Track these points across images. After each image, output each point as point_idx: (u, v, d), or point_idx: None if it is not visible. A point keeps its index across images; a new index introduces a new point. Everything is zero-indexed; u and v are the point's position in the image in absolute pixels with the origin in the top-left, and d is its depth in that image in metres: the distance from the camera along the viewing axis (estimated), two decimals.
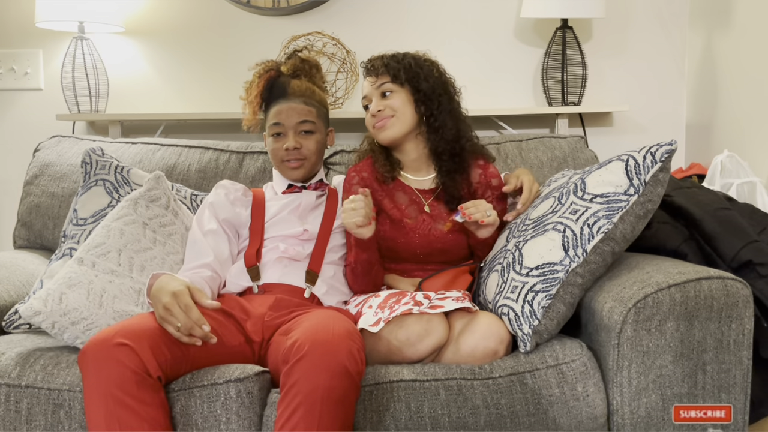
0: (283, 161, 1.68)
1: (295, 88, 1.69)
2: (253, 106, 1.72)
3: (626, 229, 1.39)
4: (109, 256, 1.46)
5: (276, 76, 1.73)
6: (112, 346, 1.18)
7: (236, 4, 2.41)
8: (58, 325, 1.34)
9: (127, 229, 1.52)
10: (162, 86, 2.48)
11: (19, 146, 2.44)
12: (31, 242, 2.01)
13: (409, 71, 1.64)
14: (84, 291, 1.38)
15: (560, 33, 2.32)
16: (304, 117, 1.66)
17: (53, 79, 2.45)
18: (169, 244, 1.58)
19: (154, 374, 1.21)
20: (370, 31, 2.43)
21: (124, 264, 1.46)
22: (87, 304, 1.36)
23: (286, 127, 1.65)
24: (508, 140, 2.07)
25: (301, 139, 1.66)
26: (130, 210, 1.56)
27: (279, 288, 1.57)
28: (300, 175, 1.69)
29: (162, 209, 1.61)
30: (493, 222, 1.52)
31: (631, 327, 1.30)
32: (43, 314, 1.33)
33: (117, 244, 1.48)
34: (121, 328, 1.24)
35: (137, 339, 1.21)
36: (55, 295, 1.35)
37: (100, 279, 1.41)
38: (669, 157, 1.38)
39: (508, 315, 1.41)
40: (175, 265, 1.56)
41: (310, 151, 1.67)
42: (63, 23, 2.30)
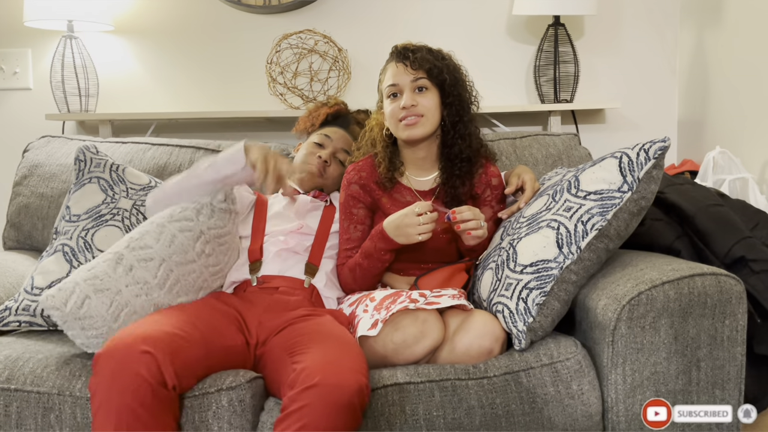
0: (308, 162, 1.78)
1: (355, 129, 1.88)
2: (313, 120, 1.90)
3: (620, 226, 1.39)
4: (150, 264, 1.41)
5: (346, 113, 1.94)
6: (135, 355, 1.17)
7: (227, 3, 2.40)
8: (68, 325, 1.32)
9: (180, 236, 1.46)
10: (152, 85, 2.46)
11: (8, 146, 2.42)
12: (20, 243, 1.99)
13: (444, 72, 1.60)
14: (108, 300, 1.34)
15: (552, 30, 2.32)
16: (348, 147, 1.83)
17: (42, 78, 2.43)
18: (214, 255, 1.53)
19: (170, 383, 1.19)
20: (362, 28, 2.42)
21: (161, 276, 1.42)
22: (105, 315, 1.33)
23: (331, 142, 1.81)
24: (502, 138, 2.07)
25: (334, 161, 1.81)
26: (192, 214, 1.50)
27: (278, 280, 1.58)
28: (307, 185, 1.78)
29: (225, 217, 1.56)
30: (482, 235, 1.50)
31: (626, 324, 1.30)
32: (61, 312, 1.30)
33: (163, 253, 1.43)
34: (143, 332, 1.23)
35: (160, 344, 1.20)
36: (80, 296, 1.32)
37: (129, 290, 1.37)
38: (662, 154, 1.38)
39: (503, 312, 1.41)
40: (210, 277, 1.53)
41: (333, 175, 1.80)
42: (52, 22, 2.28)
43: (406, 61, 1.60)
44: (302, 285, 1.59)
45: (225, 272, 1.59)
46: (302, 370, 1.20)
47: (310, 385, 1.16)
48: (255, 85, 2.42)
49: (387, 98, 1.63)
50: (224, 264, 1.57)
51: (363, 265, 1.57)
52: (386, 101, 1.63)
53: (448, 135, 1.64)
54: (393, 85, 1.61)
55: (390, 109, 1.61)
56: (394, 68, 1.62)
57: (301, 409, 1.15)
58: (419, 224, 1.46)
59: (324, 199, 1.78)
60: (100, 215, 1.68)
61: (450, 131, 1.63)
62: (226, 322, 1.42)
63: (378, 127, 1.71)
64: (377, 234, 1.54)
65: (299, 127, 1.92)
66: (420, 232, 1.47)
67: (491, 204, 1.67)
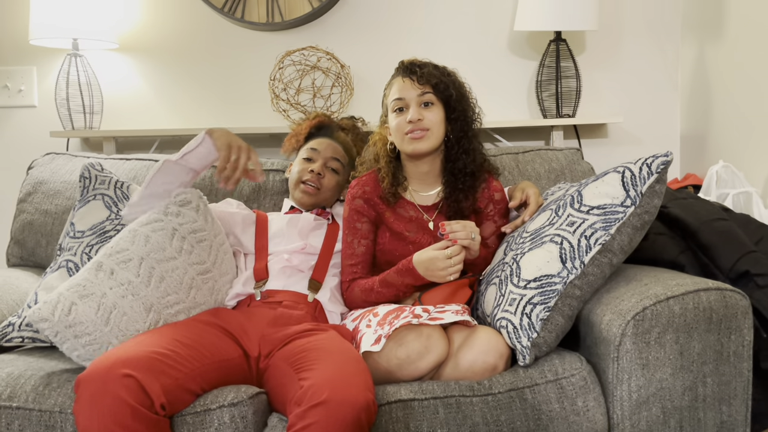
0: (301, 182, 1.78)
1: (341, 135, 1.88)
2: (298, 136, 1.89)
3: (624, 240, 1.39)
4: (129, 264, 1.43)
5: (329, 123, 1.93)
6: (114, 379, 1.16)
7: (230, 20, 2.42)
8: (60, 335, 1.32)
9: (153, 236, 1.49)
10: (156, 102, 2.48)
11: (13, 164, 2.44)
12: (24, 260, 1.99)
13: (450, 88, 1.62)
14: (95, 304, 1.35)
15: (554, 45, 2.33)
16: (338, 156, 1.82)
17: (47, 96, 2.44)
18: (195, 252, 1.54)
19: (158, 403, 1.18)
20: (365, 45, 2.44)
21: (143, 275, 1.43)
22: (94, 319, 1.34)
23: (319, 154, 1.80)
24: (505, 153, 2.07)
25: (327, 171, 1.80)
26: (160, 215, 1.53)
27: (282, 294, 1.58)
28: (307, 201, 1.78)
29: (193, 213, 1.58)
30: (472, 246, 1.50)
31: (630, 340, 1.29)
32: (50, 322, 1.31)
33: (140, 252, 1.46)
34: (124, 354, 1.22)
35: (141, 365, 1.19)
36: (66, 303, 1.33)
37: (114, 292, 1.39)
38: (665, 168, 1.38)
39: (507, 328, 1.40)
40: (197, 276, 1.53)
41: (330, 185, 1.80)
42: (57, 40, 2.30)
43: (413, 76, 1.61)
44: (306, 299, 1.59)
45: (217, 275, 1.58)
46: (309, 387, 1.19)
47: (317, 402, 1.15)
48: (258, 102, 2.43)
49: (392, 112, 1.64)
50: (211, 264, 1.57)
51: (381, 293, 1.57)
52: (391, 115, 1.64)
53: (452, 150, 1.65)
54: (399, 99, 1.62)
55: (396, 123, 1.62)
56: (400, 83, 1.63)
57: (308, 426, 1.14)
58: (451, 265, 1.47)
59: (327, 217, 1.78)
60: (104, 231, 1.69)
61: (454, 146, 1.64)
62: (220, 335, 1.41)
63: (381, 141, 1.72)
64: (406, 270, 1.53)
65: (286, 147, 1.92)
66: (451, 273, 1.48)
67: (494, 219, 1.67)
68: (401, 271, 1.54)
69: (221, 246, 1.61)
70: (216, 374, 1.33)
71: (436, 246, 1.50)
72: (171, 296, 1.45)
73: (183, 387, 1.25)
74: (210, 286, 1.55)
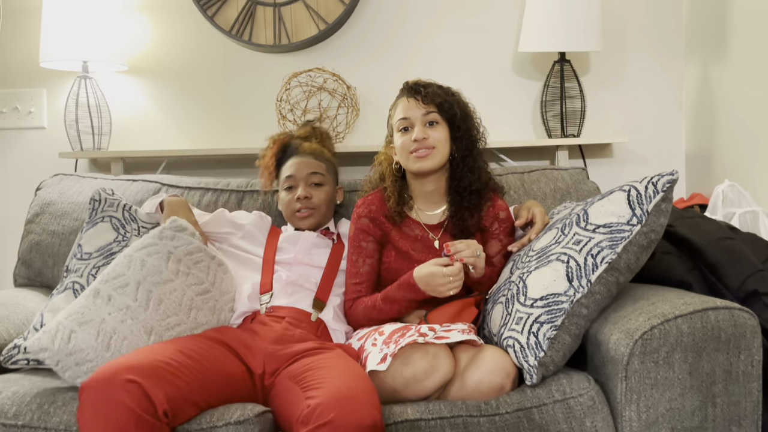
0: (294, 212, 1.77)
1: (306, 147, 1.84)
2: (268, 168, 1.86)
3: (630, 259, 1.38)
4: (126, 289, 1.44)
5: (288, 141, 1.88)
6: (118, 384, 1.16)
7: (238, 42, 2.45)
8: (62, 364, 1.32)
9: (149, 260, 1.50)
10: (164, 123, 2.50)
11: (21, 184, 2.45)
12: (31, 280, 2.00)
13: (454, 108, 1.64)
14: (94, 331, 1.36)
15: (558, 66, 2.34)
16: (314, 169, 1.78)
17: (57, 117, 2.47)
18: (192, 273, 1.55)
19: (161, 409, 1.18)
20: (370, 66, 2.46)
21: (141, 299, 1.44)
22: (95, 345, 1.34)
23: (297, 179, 1.78)
24: (510, 172, 2.08)
25: (312, 189, 1.77)
26: (155, 239, 1.55)
27: (286, 310, 1.58)
28: (310, 224, 1.77)
29: (188, 236, 1.60)
30: (477, 264, 1.50)
31: (639, 359, 1.28)
32: (50, 351, 1.31)
33: (137, 276, 1.47)
34: (128, 361, 1.23)
35: (145, 372, 1.20)
36: (65, 332, 1.33)
37: (113, 317, 1.39)
38: (671, 186, 1.38)
39: (513, 347, 1.39)
40: (197, 296, 1.53)
41: (320, 200, 1.77)
42: (67, 63, 2.33)
43: (418, 96, 1.63)
44: (309, 318, 1.59)
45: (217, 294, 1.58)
46: (317, 406, 1.18)
47: (324, 422, 1.15)
48: (265, 122, 2.45)
49: (398, 132, 1.66)
50: (210, 284, 1.57)
51: (384, 310, 1.57)
52: (397, 135, 1.66)
53: (457, 168, 1.66)
54: (404, 118, 1.64)
55: (401, 142, 1.64)
56: (405, 103, 1.65)
57: None
58: (449, 281, 1.47)
59: (331, 237, 1.78)
60: (111, 253, 1.70)
61: (459, 165, 1.65)
62: (224, 351, 1.41)
63: (387, 161, 1.73)
64: (406, 285, 1.53)
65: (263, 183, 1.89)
66: (450, 288, 1.48)
67: (499, 237, 1.68)
68: (402, 286, 1.54)
69: (219, 266, 1.62)
70: (219, 388, 1.33)
71: (436, 261, 1.50)
72: (171, 318, 1.46)
73: (186, 397, 1.25)
74: (211, 305, 1.55)
